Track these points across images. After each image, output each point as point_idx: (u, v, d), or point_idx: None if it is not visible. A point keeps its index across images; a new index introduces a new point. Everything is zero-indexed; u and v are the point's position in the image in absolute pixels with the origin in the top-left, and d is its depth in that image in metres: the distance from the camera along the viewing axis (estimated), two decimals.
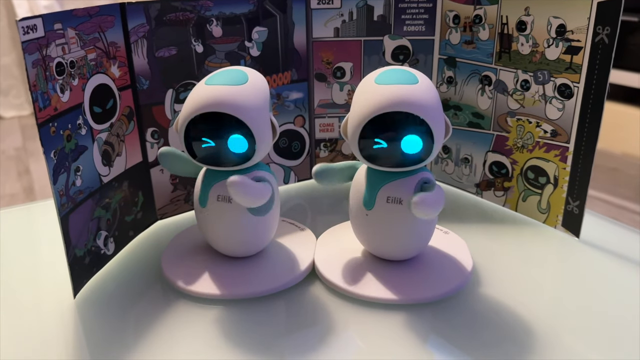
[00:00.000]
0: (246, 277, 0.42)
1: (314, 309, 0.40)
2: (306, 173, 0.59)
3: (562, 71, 0.46)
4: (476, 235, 0.49)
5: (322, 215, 0.56)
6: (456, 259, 0.43)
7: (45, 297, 0.42)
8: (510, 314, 0.39)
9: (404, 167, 0.39)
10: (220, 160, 0.40)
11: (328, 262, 0.43)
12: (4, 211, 0.58)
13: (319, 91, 0.57)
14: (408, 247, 0.41)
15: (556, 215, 0.49)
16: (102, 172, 0.44)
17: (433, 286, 0.40)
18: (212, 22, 0.49)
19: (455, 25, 0.53)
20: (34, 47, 0.36)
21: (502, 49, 0.50)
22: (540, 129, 0.49)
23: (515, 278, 0.44)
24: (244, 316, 0.39)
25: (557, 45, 0.46)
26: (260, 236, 0.43)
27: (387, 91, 0.37)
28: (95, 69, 0.42)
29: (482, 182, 0.54)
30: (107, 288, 0.43)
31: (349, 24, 0.55)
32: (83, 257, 0.42)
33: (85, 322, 0.40)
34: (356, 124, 0.38)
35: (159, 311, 0.40)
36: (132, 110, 0.47)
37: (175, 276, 0.42)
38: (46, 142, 0.37)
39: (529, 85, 0.49)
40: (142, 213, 0.49)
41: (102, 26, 0.43)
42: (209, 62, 0.50)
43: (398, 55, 0.55)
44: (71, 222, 0.40)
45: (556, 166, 0.48)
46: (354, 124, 0.38)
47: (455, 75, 0.54)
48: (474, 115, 0.53)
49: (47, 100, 0.37)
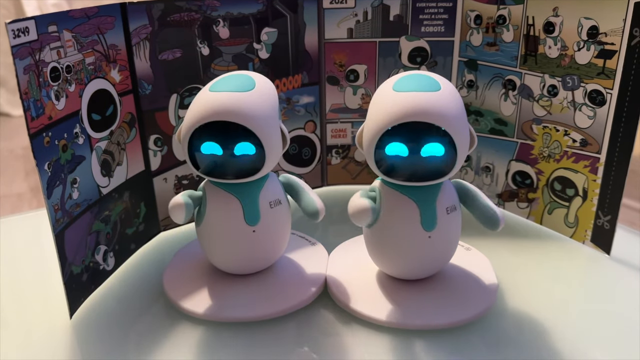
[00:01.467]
0: (253, 298, 0.39)
1: (325, 333, 0.38)
2: (317, 181, 0.57)
3: (594, 76, 0.43)
4: (498, 249, 0.46)
5: (334, 225, 0.54)
6: (480, 279, 0.40)
7: (39, 317, 0.40)
8: (537, 340, 0.36)
9: (423, 182, 0.36)
10: (226, 172, 0.37)
11: (341, 281, 0.40)
12: (4, 220, 0.55)
13: (331, 95, 0.54)
14: (428, 266, 0.38)
15: (585, 230, 0.46)
16: (101, 183, 0.41)
17: (455, 310, 0.37)
18: (218, 22, 0.47)
19: (477, 26, 0.50)
20: (26, 51, 0.33)
21: (527, 52, 0.47)
22: (569, 138, 0.46)
23: (542, 299, 0.41)
24: (251, 340, 0.37)
25: (589, 48, 0.43)
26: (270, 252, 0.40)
27: (407, 99, 0.34)
28: (94, 74, 0.40)
29: (505, 192, 0.51)
30: (107, 306, 0.40)
31: (364, 24, 0.52)
32: (80, 274, 0.39)
33: (82, 345, 0.37)
34: (372, 134, 0.35)
35: (161, 332, 0.38)
36: (133, 116, 0.44)
37: (179, 296, 0.39)
38: (39, 154, 0.35)
39: (557, 90, 0.46)
40: (144, 225, 0.46)
41: (102, 28, 0.40)
42: (215, 65, 0.48)
43: (415, 58, 0.52)
44: (67, 237, 0.37)
45: (585, 178, 0.45)
46: (370, 134, 0.36)
47: (476, 79, 0.51)
48: (496, 121, 0.50)
49: (41, 109, 0.35)
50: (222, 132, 0.36)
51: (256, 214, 0.38)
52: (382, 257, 0.39)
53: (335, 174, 0.57)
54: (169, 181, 0.48)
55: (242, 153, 0.36)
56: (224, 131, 0.36)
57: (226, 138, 0.36)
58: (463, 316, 0.37)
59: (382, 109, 0.35)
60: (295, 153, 0.55)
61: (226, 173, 0.37)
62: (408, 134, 0.34)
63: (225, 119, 0.35)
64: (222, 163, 0.37)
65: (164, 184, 0.48)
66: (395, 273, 0.39)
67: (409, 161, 0.35)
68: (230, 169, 0.37)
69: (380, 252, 0.39)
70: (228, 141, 0.36)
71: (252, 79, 0.38)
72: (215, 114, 0.36)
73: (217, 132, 0.36)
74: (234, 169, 0.37)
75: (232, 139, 0.36)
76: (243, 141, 0.36)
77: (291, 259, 0.43)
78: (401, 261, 0.38)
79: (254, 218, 0.38)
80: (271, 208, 0.39)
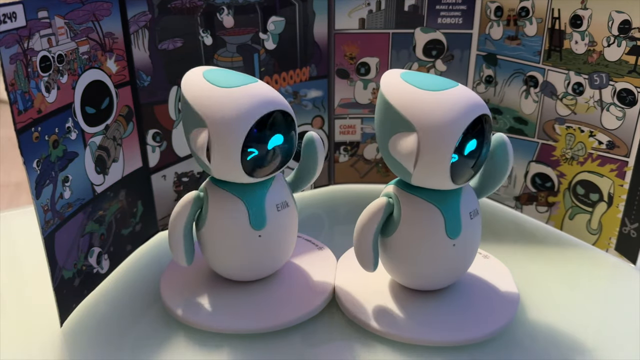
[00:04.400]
0: (256, 308, 0.36)
1: (333, 347, 0.35)
2: (324, 179, 0.54)
3: (624, 74, 0.40)
4: (515, 255, 0.44)
5: (340, 225, 0.52)
6: (500, 291, 0.38)
7: (28, 324, 0.37)
8: (557, 357, 0.34)
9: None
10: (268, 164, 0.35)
11: (350, 290, 0.38)
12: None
13: (341, 89, 0.51)
14: (449, 276, 0.36)
15: (609, 238, 0.43)
16: (96, 181, 0.38)
17: (474, 325, 0.35)
18: (222, 10, 0.44)
19: (498, 19, 0.47)
20: (13, 39, 0.31)
21: (551, 47, 0.44)
22: (594, 140, 0.43)
23: (563, 310, 0.38)
24: (254, 353, 0.34)
25: (620, 44, 0.40)
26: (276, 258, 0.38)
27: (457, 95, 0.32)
28: (88, 64, 0.37)
29: (523, 195, 0.49)
30: (100, 312, 0.38)
31: (376, 14, 0.49)
32: (72, 278, 0.36)
33: (73, 354, 0.35)
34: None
35: (158, 341, 0.35)
36: (131, 110, 0.41)
37: (176, 304, 0.37)
38: (27, 151, 0.32)
39: (583, 89, 0.43)
40: (141, 225, 0.44)
41: (97, 14, 0.37)
42: (218, 55, 0.45)
43: (430, 51, 0.49)
44: (58, 240, 0.35)
45: (611, 182, 0.42)
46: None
47: (496, 75, 0.48)
48: (515, 120, 0.48)
49: (29, 102, 0.32)
50: (281, 122, 0.34)
51: (262, 218, 0.36)
52: (400, 267, 0.36)
53: (343, 172, 0.54)
54: (168, 179, 0.45)
55: (288, 142, 0.35)
56: (282, 121, 0.34)
57: (285, 127, 0.34)
58: (482, 332, 0.34)
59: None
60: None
61: (268, 165, 0.35)
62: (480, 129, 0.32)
63: (282, 108, 0.34)
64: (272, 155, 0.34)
65: (162, 181, 0.45)
66: (413, 284, 0.37)
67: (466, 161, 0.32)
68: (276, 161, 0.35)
69: (399, 262, 0.36)
70: (287, 130, 0.34)
71: (246, 75, 0.36)
72: (271, 103, 0.33)
73: (278, 123, 0.34)
74: (278, 160, 0.35)
75: (289, 128, 0.34)
76: (292, 131, 0.35)
77: (297, 265, 0.41)
78: (422, 272, 0.36)
79: (260, 222, 0.36)
80: (278, 211, 0.36)
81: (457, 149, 0.31)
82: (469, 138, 0.31)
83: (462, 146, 0.31)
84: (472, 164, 0.32)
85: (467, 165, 0.32)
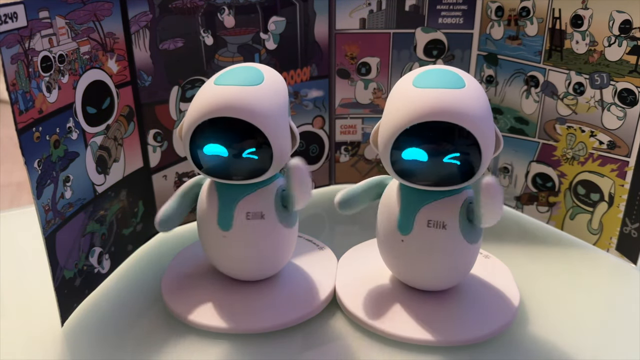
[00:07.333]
0: (257, 307, 0.36)
1: (334, 347, 0.35)
2: (324, 179, 0.54)
3: (625, 74, 0.40)
4: (515, 255, 0.44)
5: (342, 225, 0.51)
6: (500, 291, 0.38)
7: (29, 324, 0.37)
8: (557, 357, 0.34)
9: (444, 186, 0.33)
10: (230, 172, 0.35)
11: (351, 290, 0.38)
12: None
13: (341, 89, 0.51)
14: (449, 277, 0.36)
15: (609, 238, 0.43)
16: (97, 181, 0.38)
17: (475, 325, 0.35)
18: (223, 10, 0.44)
19: (498, 18, 0.47)
20: (14, 39, 0.31)
21: (552, 47, 0.44)
22: (595, 140, 0.43)
23: (563, 310, 0.38)
24: (254, 352, 0.34)
25: (620, 44, 0.40)
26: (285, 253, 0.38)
27: (428, 96, 0.32)
28: (89, 64, 0.37)
29: (524, 195, 0.48)
30: (101, 312, 0.38)
31: (377, 14, 0.49)
32: (73, 278, 0.37)
33: (74, 354, 0.35)
34: (389, 133, 0.33)
35: (159, 341, 0.35)
36: (132, 109, 0.41)
37: (177, 304, 0.37)
38: (28, 151, 0.32)
39: (584, 88, 0.43)
40: (142, 225, 0.44)
41: (98, 14, 0.37)
42: (219, 55, 0.45)
43: (431, 50, 0.49)
44: (59, 240, 0.35)
45: (612, 182, 0.42)
46: (386, 133, 0.33)
47: (496, 75, 0.48)
48: (516, 120, 0.48)
49: (30, 102, 0.32)
50: (227, 129, 0.33)
51: (229, 220, 0.36)
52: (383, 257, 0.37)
53: (344, 172, 0.54)
54: (169, 179, 0.45)
55: (248, 153, 0.34)
56: (229, 129, 0.33)
57: (232, 136, 0.33)
58: (484, 331, 0.34)
59: (401, 106, 0.32)
60: (302, 150, 0.52)
61: (231, 174, 0.35)
62: (429, 135, 0.32)
63: (231, 115, 0.33)
64: (226, 163, 0.34)
65: (163, 181, 0.45)
66: (419, 285, 0.37)
67: (428, 164, 0.32)
68: (235, 170, 0.34)
69: None
70: (233, 140, 0.34)
71: (261, 71, 0.35)
72: (219, 109, 0.33)
73: (221, 130, 0.33)
74: (239, 170, 0.34)
75: (238, 138, 0.33)
76: (249, 139, 0.33)
77: (298, 265, 0.41)
78: (391, 263, 0.37)
79: (226, 223, 0.36)
80: (247, 219, 0.36)
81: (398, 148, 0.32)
82: (410, 141, 0.32)
83: (402, 147, 0.32)
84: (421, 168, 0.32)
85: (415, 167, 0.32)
